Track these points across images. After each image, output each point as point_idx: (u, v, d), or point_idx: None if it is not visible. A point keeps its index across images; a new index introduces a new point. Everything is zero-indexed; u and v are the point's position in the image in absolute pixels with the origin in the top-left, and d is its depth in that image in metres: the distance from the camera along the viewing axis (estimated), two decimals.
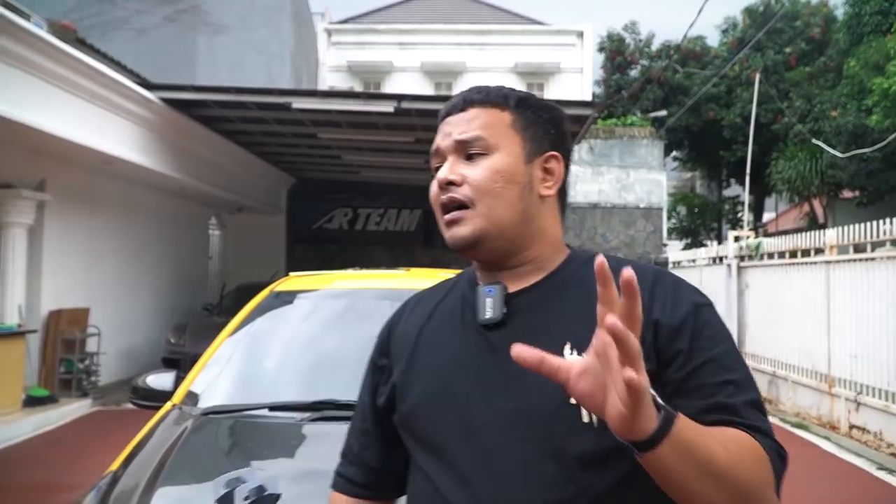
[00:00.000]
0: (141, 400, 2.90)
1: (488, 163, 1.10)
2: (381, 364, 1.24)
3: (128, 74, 9.73)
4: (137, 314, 11.35)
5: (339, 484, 1.28)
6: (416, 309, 1.24)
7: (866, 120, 13.03)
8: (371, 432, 1.24)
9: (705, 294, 1.11)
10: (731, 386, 0.99)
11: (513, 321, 1.07)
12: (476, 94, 1.15)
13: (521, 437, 1.01)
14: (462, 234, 1.10)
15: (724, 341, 1.04)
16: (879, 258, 6.50)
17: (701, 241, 22.57)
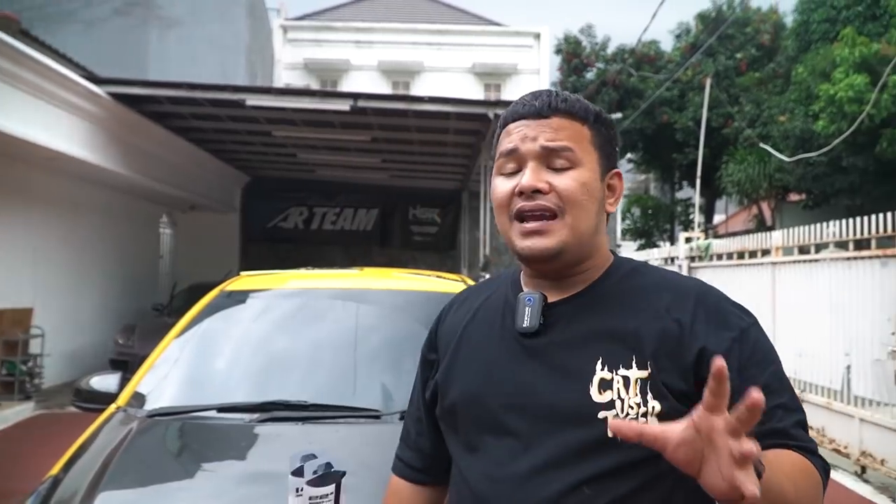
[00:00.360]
0: (84, 402, 2.84)
1: (576, 174, 1.10)
2: (430, 358, 1.28)
3: (75, 68, 9.50)
4: (84, 314, 11.08)
5: (399, 468, 1.33)
6: (463, 306, 1.28)
7: (813, 125, 13.39)
8: (424, 421, 1.29)
9: (750, 312, 1.12)
10: (781, 410, 1.01)
11: (549, 331, 1.10)
12: (561, 103, 1.13)
13: (548, 444, 1.04)
14: (546, 245, 1.09)
15: (772, 364, 1.06)
16: (823, 259, 6.69)
17: (654, 242, 22.93)
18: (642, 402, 1.02)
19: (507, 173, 1.13)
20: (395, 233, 17.23)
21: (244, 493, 2.09)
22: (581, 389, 1.04)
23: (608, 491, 1.01)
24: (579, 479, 1.01)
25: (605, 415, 1.02)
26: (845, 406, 6.18)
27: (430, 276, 3.72)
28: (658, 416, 1.01)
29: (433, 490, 1.30)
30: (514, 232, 1.12)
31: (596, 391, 1.03)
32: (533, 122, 1.11)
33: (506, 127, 1.15)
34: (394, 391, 2.61)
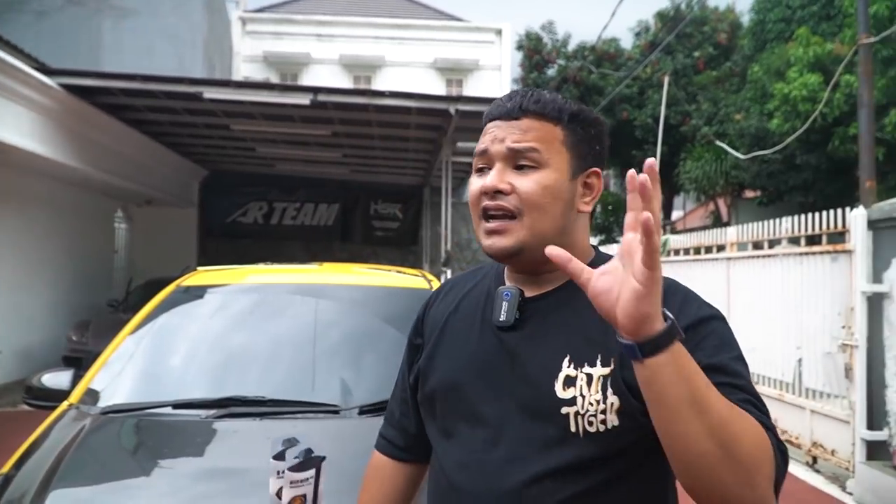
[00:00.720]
0: (36, 400, 2.78)
1: (539, 177, 1.12)
2: (416, 343, 1.32)
3: (25, 59, 9.26)
4: (36, 311, 10.81)
5: (382, 445, 1.39)
6: (448, 294, 1.32)
7: (767, 123, 13.66)
8: (409, 402, 1.33)
9: (715, 308, 1.15)
10: (731, 388, 0.99)
11: (524, 326, 1.14)
12: (533, 105, 1.14)
13: (515, 436, 1.08)
14: (503, 244, 1.12)
15: (731, 351, 1.07)
16: (776, 255, 6.83)
17: (615, 238, 23.20)
18: (602, 398, 1.04)
19: (478, 172, 1.17)
20: (356, 228, 17.15)
21: (201, 489, 2.07)
22: (547, 385, 1.07)
23: (569, 485, 1.04)
24: (542, 472, 1.04)
25: (567, 410, 1.05)
26: (797, 398, 6.33)
27: (390, 271, 3.71)
28: (617, 411, 1.03)
29: (414, 467, 1.36)
30: (480, 230, 1.16)
31: (560, 387, 1.07)
32: (504, 124, 1.14)
33: (485, 126, 1.18)
34: (353, 386, 2.61)
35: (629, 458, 1.05)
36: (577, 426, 1.04)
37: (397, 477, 1.36)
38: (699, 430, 0.87)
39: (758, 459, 0.91)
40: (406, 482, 1.36)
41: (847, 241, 5.61)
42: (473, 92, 20.94)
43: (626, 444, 1.04)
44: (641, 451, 1.04)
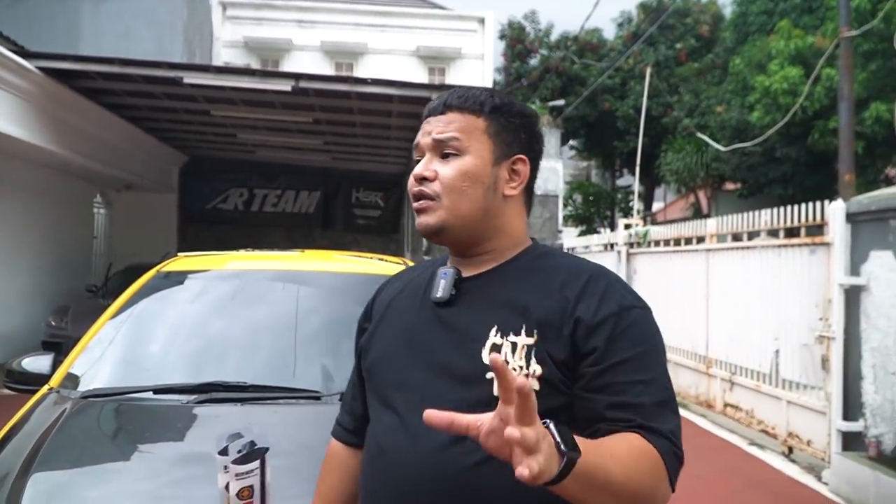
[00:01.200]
0: (16, 384, 2.77)
1: (458, 163, 1.23)
2: (364, 327, 1.41)
3: (3, 42, 9.12)
4: (14, 296, 10.69)
5: (336, 431, 1.47)
6: (397, 282, 1.42)
7: (748, 116, 13.77)
8: (357, 385, 1.42)
9: (640, 297, 1.22)
10: (641, 385, 1.11)
11: (459, 302, 1.24)
12: (456, 100, 1.27)
13: (444, 401, 1.10)
14: (427, 221, 1.24)
15: (645, 344, 1.15)
16: (754, 247, 6.90)
17: (595, 229, 23.31)
18: (525, 365, 1.13)
19: (415, 163, 1.28)
20: (337, 216, 17.09)
21: (181, 473, 2.06)
22: (475, 353, 1.16)
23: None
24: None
25: (491, 375, 1.11)
26: (774, 389, 6.41)
27: (371, 258, 3.71)
28: (539, 378, 1.12)
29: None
30: (414, 211, 1.27)
31: (486, 354, 1.15)
32: (434, 119, 1.27)
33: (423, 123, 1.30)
34: (334, 372, 2.61)
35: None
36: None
37: (350, 461, 1.41)
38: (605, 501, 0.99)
39: (656, 489, 1.05)
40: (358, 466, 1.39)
41: (825, 233, 5.68)
42: (456, 81, 20.89)
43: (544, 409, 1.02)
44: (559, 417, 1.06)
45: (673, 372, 8.55)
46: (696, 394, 8.07)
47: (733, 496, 5.05)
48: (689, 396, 8.22)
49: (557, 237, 18.07)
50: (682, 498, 5.03)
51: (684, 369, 8.43)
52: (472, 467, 1.11)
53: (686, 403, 8.10)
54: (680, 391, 8.47)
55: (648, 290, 9.71)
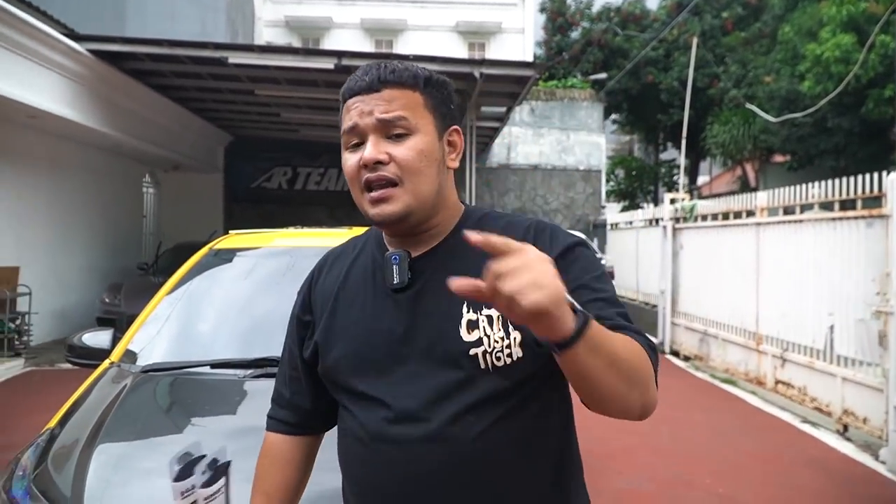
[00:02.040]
0: (77, 358, 2.84)
1: (412, 143, 1.18)
2: (305, 319, 1.34)
3: (54, 24, 9.30)
4: (70, 273, 11.01)
5: (273, 425, 1.39)
6: (333, 268, 1.34)
7: (798, 86, 13.39)
8: (302, 380, 1.35)
9: (579, 236, 1.27)
10: (601, 302, 1.15)
11: (416, 283, 1.20)
12: (389, 75, 1.19)
13: (431, 383, 1.15)
14: (391, 210, 1.17)
15: (594, 271, 1.20)
16: (807, 220, 6.74)
17: (638, 204, 23.02)
18: (505, 334, 1.14)
19: (352, 147, 1.21)
20: None
21: (236, 446, 2.10)
22: (452, 332, 1.15)
23: (487, 415, 1.13)
24: (461, 409, 1.13)
25: (475, 351, 1.13)
26: (828, 365, 6.27)
27: None
28: (520, 344, 1.13)
29: (310, 438, 1.39)
30: (365, 201, 1.20)
31: (465, 331, 1.15)
32: (367, 97, 1.19)
33: (345, 104, 1.23)
34: None
35: (535, 381, 1.16)
36: (486, 363, 1.13)
37: (296, 452, 1.38)
38: (612, 380, 1.00)
39: (647, 374, 1.08)
40: (304, 456, 1.39)
41: (883, 205, 5.51)
42: (496, 55, 20.72)
43: (532, 371, 1.14)
44: (544, 374, 1.15)
45: (721, 348, 8.48)
46: (745, 370, 7.96)
47: (786, 474, 4.98)
48: (737, 373, 8.10)
49: (600, 213, 17.92)
50: (736, 474, 4.97)
51: (732, 345, 8.31)
52: (477, 438, 1.13)
53: (735, 380, 8.00)
54: (728, 368, 8.36)
55: (695, 266, 9.58)
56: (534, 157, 17.97)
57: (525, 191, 17.89)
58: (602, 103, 19.09)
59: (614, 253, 14.79)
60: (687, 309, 9.80)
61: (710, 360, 8.91)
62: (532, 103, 17.81)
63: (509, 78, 9.93)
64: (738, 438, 5.79)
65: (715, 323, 8.82)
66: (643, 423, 1.23)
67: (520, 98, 10.83)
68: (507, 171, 17.86)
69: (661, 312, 10.45)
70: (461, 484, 1.14)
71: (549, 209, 17.85)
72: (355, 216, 4.36)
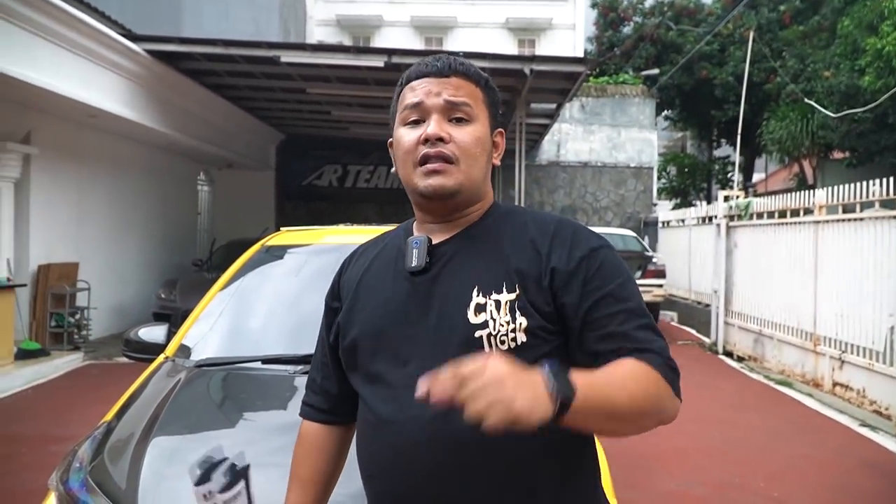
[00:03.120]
0: (133, 352, 2.91)
1: (472, 129, 1.25)
2: (334, 306, 1.39)
3: (112, 25, 9.55)
4: (127, 269, 11.31)
5: (307, 412, 1.45)
6: (361, 258, 1.40)
7: (859, 80, 12.98)
8: (330, 364, 1.41)
9: (603, 237, 1.28)
10: (623, 314, 1.17)
11: (434, 268, 1.25)
12: (460, 66, 1.28)
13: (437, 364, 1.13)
14: (444, 182, 1.23)
15: (619, 277, 1.21)
16: (868, 218, 6.54)
17: (690, 202, 22.61)
18: (511, 319, 1.17)
19: (412, 123, 1.26)
20: None
21: (287, 441, 2.13)
22: (460, 314, 1.19)
23: None
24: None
25: (480, 334, 1.17)
26: (888, 367, 6.09)
27: None
28: (525, 330, 1.17)
29: (341, 428, 1.43)
30: (418, 174, 1.24)
31: (472, 314, 1.19)
32: (436, 80, 1.26)
33: (409, 83, 1.29)
34: None
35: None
36: (490, 346, 1.16)
37: (328, 441, 1.42)
38: (614, 426, 1.09)
39: (657, 405, 1.11)
40: (336, 445, 1.43)
41: None
42: (547, 51, 20.58)
43: (535, 357, 1.14)
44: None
45: (777, 349, 8.29)
46: (801, 372, 7.76)
47: (845, 477, 4.84)
48: (793, 374, 7.91)
49: (651, 210, 17.65)
50: (791, 478, 4.85)
51: (788, 346, 8.11)
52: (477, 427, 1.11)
53: (790, 382, 7.80)
54: (784, 369, 8.17)
55: (750, 265, 9.38)
56: (584, 154, 17.80)
57: (575, 188, 17.73)
58: (654, 99, 18.78)
59: (666, 251, 14.57)
60: (741, 308, 9.60)
61: (765, 360, 8.71)
62: (582, 100, 17.63)
63: (559, 74, 9.85)
64: (794, 441, 5.65)
65: (770, 323, 8.62)
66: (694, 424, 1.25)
67: (570, 94, 10.74)
68: (557, 169, 17.71)
69: (714, 312, 10.26)
70: (466, 468, 1.15)
71: (599, 207, 17.66)
72: (404, 213, 4.40)
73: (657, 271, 12.61)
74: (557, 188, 17.71)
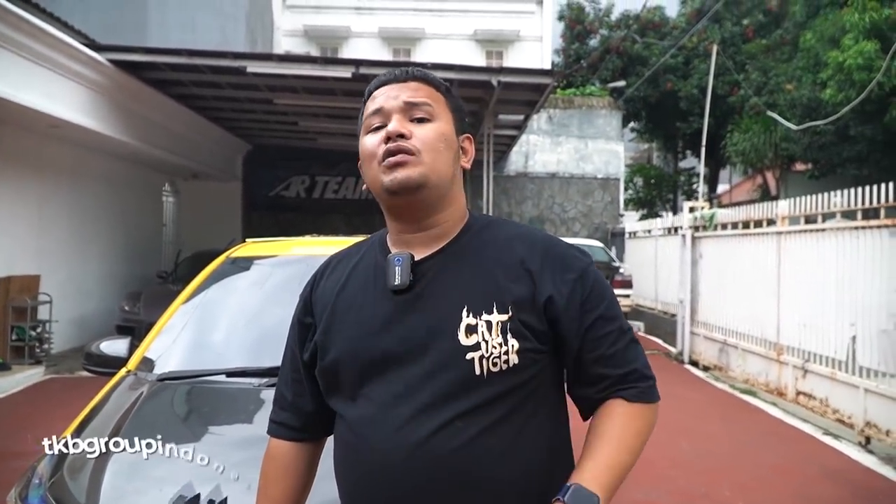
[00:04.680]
0: (95, 366, 2.85)
1: (434, 126, 1.25)
2: (307, 322, 1.35)
3: (75, 35, 9.41)
4: (90, 281, 11.11)
5: (276, 430, 1.40)
6: (334, 272, 1.36)
7: (820, 93, 13.26)
8: (304, 382, 1.36)
9: (584, 251, 1.31)
10: (614, 334, 1.24)
11: (419, 286, 1.22)
12: (418, 71, 1.30)
13: (425, 386, 1.16)
14: (406, 174, 1.20)
15: (607, 296, 1.26)
16: (829, 229, 6.66)
17: (657, 212, 22.88)
18: (503, 341, 1.16)
19: (374, 129, 1.26)
20: None
21: (253, 454, 2.10)
22: (450, 335, 1.17)
23: (476, 422, 1.15)
24: (453, 416, 1.14)
25: (472, 356, 1.15)
26: (850, 377, 6.18)
27: None
28: (517, 352, 1.16)
29: (312, 445, 1.40)
30: (381, 171, 1.23)
31: (463, 335, 1.17)
32: (396, 85, 1.27)
33: (371, 94, 1.30)
34: None
35: (527, 389, 1.19)
36: (481, 369, 1.15)
37: (298, 459, 1.38)
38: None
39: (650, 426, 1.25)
40: (307, 462, 1.40)
41: None
42: (514, 63, 20.71)
43: (526, 378, 1.18)
44: (536, 382, 1.20)
45: (741, 358, 8.40)
46: (765, 381, 7.86)
47: (808, 486, 4.90)
48: (757, 384, 8.01)
49: (618, 221, 17.82)
50: (755, 487, 4.90)
51: (753, 356, 8.21)
52: (460, 450, 1.13)
53: (755, 391, 7.90)
54: (749, 378, 8.27)
55: (715, 275, 9.49)
56: (552, 165, 17.93)
57: (543, 199, 17.84)
58: (621, 111, 19.01)
59: (633, 262, 14.70)
60: (706, 318, 9.71)
61: (730, 370, 8.81)
62: (550, 111, 17.78)
63: (527, 86, 9.92)
64: (758, 450, 5.71)
65: (735, 333, 8.72)
66: (660, 433, 1.29)
67: (538, 106, 10.82)
68: (525, 180, 17.82)
69: (680, 322, 10.36)
70: (447, 492, 1.14)
71: (566, 217, 17.78)
72: (372, 224, 4.35)
73: (624, 282, 12.73)
74: (525, 199, 17.81)
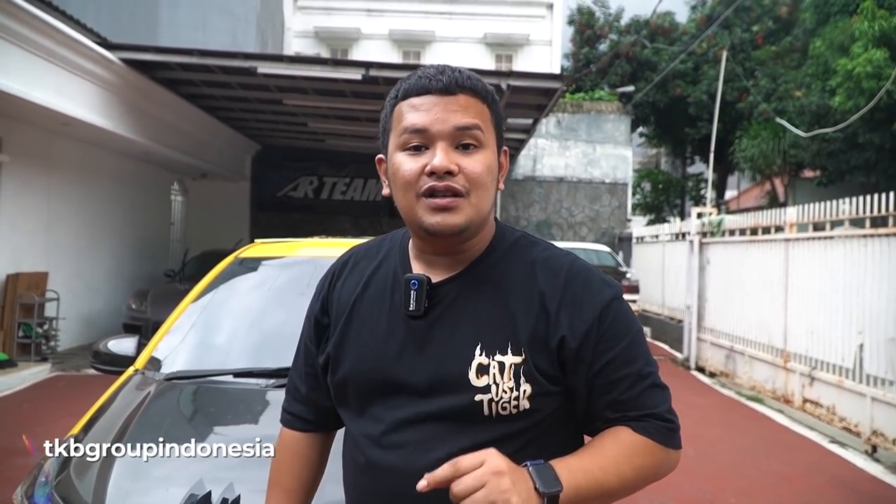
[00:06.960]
0: (102, 364, 2.85)
1: (481, 157, 1.13)
2: (324, 322, 1.30)
3: (87, 33, 9.45)
4: (97, 279, 11.15)
5: (289, 420, 1.38)
6: (353, 272, 1.30)
7: (829, 100, 13.23)
8: (319, 376, 1.31)
9: (615, 283, 1.21)
10: (630, 378, 1.14)
11: (433, 311, 1.17)
12: (467, 81, 1.14)
13: (431, 417, 1.13)
14: (456, 221, 1.11)
15: (627, 335, 1.16)
16: (838, 237, 6.64)
17: (664, 218, 22.83)
18: (515, 385, 1.11)
19: (412, 149, 1.13)
20: None
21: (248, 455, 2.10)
22: (460, 372, 1.12)
23: None
24: (457, 450, 1.08)
25: (481, 398, 1.11)
26: (857, 385, 6.16)
27: None
28: (528, 397, 1.11)
29: (324, 435, 1.39)
30: (422, 208, 1.12)
31: (474, 375, 1.12)
32: (440, 100, 1.12)
33: (407, 99, 1.14)
34: None
35: (538, 428, 1.15)
36: (490, 411, 1.11)
37: (311, 449, 1.37)
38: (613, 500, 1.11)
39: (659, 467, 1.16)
40: (320, 452, 1.39)
41: None
42: (524, 67, 20.70)
43: (536, 420, 1.14)
44: (548, 420, 1.16)
45: (748, 365, 8.36)
46: (772, 388, 7.83)
47: (813, 494, 4.88)
48: (764, 391, 7.98)
49: (626, 226, 17.79)
50: (761, 494, 4.88)
51: (760, 363, 8.18)
52: None
53: (761, 398, 7.87)
54: (755, 385, 8.24)
55: (722, 281, 9.46)
56: (559, 169, 17.91)
57: (550, 203, 17.82)
58: (629, 116, 18.99)
59: (640, 267, 14.67)
60: (713, 324, 9.68)
61: (737, 376, 8.79)
62: (559, 115, 17.77)
63: (536, 90, 9.91)
64: (764, 457, 5.69)
65: (742, 339, 8.70)
66: None
67: (546, 110, 10.80)
68: (533, 184, 17.81)
69: (686, 328, 10.34)
70: None
71: (574, 222, 17.76)
72: (380, 226, 4.35)
73: (631, 287, 12.71)
74: (533, 203, 17.79)
